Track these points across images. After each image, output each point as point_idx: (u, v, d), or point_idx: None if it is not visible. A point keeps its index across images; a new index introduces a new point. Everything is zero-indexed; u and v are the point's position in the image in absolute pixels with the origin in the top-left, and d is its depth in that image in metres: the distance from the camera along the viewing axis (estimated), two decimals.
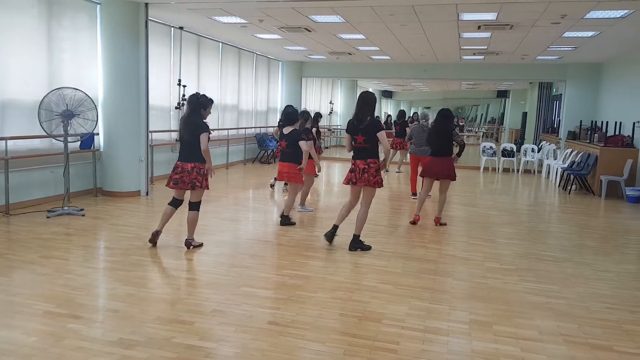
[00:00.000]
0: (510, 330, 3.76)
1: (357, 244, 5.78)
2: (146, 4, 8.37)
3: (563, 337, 3.69)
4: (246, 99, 14.53)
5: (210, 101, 5.57)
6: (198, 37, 11.72)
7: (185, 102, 5.43)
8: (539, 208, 9.29)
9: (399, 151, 13.75)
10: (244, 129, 14.31)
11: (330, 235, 5.87)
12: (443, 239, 6.46)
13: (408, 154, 9.82)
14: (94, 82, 8.43)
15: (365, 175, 5.56)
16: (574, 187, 11.14)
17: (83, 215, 6.99)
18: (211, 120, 5.83)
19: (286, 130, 6.88)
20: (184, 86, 10.80)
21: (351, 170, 5.68)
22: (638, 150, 10.19)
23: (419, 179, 8.04)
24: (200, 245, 5.69)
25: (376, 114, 6.97)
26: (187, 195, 5.59)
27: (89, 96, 7.06)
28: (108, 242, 5.97)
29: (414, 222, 7.17)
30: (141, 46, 8.44)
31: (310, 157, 7.03)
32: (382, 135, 5.54)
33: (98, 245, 5.90)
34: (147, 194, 8.68)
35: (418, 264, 5.34)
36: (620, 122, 11.16)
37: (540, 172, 14.18)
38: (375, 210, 7.94)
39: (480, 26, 9.34)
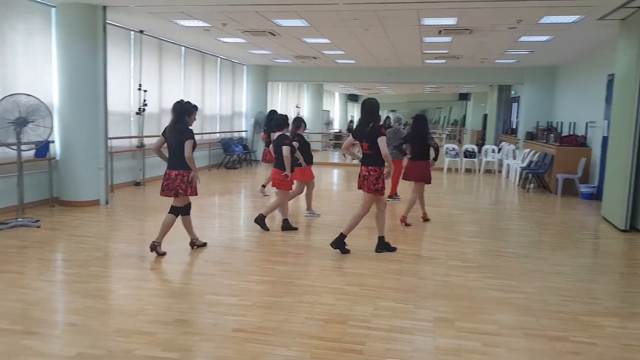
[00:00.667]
0: (472, 326, 3.84)
1: (382, 246, 5.89)
2: (104, 7, 8.21)
3: (522, 330, 3.79)
4: (210, 103, 14.40)
5: (195, 107, 5.64)
6: (159, 41, 11.56)
7: (180, 106, 5.53)
8: (500, 206, 9.52)
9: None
10: (208, 134, 14.17)
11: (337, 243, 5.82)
12: (408, 239, 6.54)
13: None
14: (50, 88, 8.21)
15: (366, 182, 5.66)
16: (532, 185, 11.47)
17: (38, 227, 6.75)
18: None
19: (275, 135, 6.96)
20: (145, 91, 10.62)
21: (359, 175, 5.80)
22: (591, 149, 10.56)
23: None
24: (164, 254, 5.57)
25: (341, 117, 7.06)
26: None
27: (43, 103, 6.87)
28: (65, 253, 5.79)
29: (408, 224, 7.33)
30: (99, 50, 8.27)
31: (299, 163, 7.19)
32: (381, 141, 5.50)
33: (55, 257, 5.70)
34: (107, 203, 8.47)
35: (384, 265, 5.39)
36: (574, 123, 11.55)
37: (500, 171, 14.54)
38: (342, 213, 8.00)
39: (441, 31, 9.53)
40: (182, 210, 5.64)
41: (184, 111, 5.47)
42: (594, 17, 7.95)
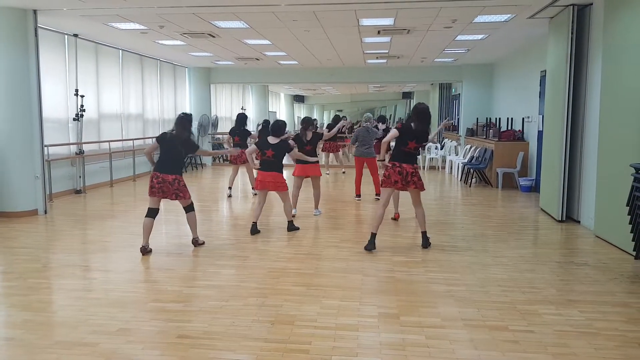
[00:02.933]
0: (416, 320, 3.94)
1: (426, 241, 6.14)
2: (34, 11, 7.89)
3: (463, 321, 3.92)
4: (152, 107, 14.07)
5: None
6: (95, 45, 11.20)
7: (178, 122, 5.95)
8: (443, 201, 9.78)
9: (332, 154, 14.83)
10: (150, 139, 13.83)
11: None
12: (354, 238, 6.62)
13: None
14: None
15: (415, 179, 5.92)
16: (474, 180, 11.85)
17: None
18: (114, 131, 5.69)
19: (272, 140, 6.75)
20: (82, 96, 10.26)
21: (399, 173, 5.91)
22: (528, 143, 11.02)
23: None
24: (202, 243, 6.18)
25: (288, 118, 7.11)
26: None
27: None
28: (2, 266, 5.52)
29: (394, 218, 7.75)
30: (31, 55, 7.94)
31: (305, 161, 7.58)
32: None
33: None
34: (45, 213, 8.16)
35: (330, 264, 5.45)
36: (512, 118, 12.03)
37: (444, 168, 14.94)
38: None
39: (379, 31, 9.70)
40: (192, 206, 6.07)
41: (190, 121, 6.02)
42: (524, 16, 8.31)
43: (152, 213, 5.87)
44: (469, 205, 9.30)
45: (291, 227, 6.98)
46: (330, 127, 14.74)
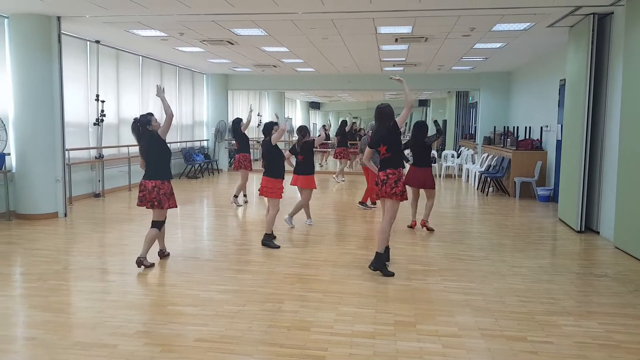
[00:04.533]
0: (432, 329, 3.92)
1: (378, 263, 5.33)
2: (58, 18, 8.06)
3: (481, 331, 3.90)
4: None
5: (150, 114, 5.60)
6: (116, 51, 11.38)
7: (136, 125, 5.47)
8: (459, 210, 9.72)
9: (339, 160, 14.54)
10: (169, 144, 13.94)
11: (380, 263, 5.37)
12: (369, 245, 6.61)
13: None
14: (4, 100, 7.99)
15: (384, 187, 5.31)
16: (490, 189, 11.77)
17: None
18: (131, 136, 5.71)
19: (265, 144, 6.78)
20: (103, 101, 10.42)
21: (375, 183, 5.49)
22: (546, 152, 10.92)
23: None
24: (152, 265, 5.52)
25: (304, 123, 7.10)
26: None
27: None
28: (23, 267, 5.63)
29: (430, 229, 7.59)
30: (54, 61, 8.10)
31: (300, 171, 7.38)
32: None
33: (12, 271, 5.55)
34: (65, 216, 8.28)
35: (346, 271, 5.44)
36: (530, 127, 11.93)
37: (460, 176, 14.86)
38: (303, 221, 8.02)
39: (397, 39, 9.71)
40: (162, 224, 5.56)
41: (145, 123, 5.48)
42: (543, 25, 8.27)
43: (156, 225, 5.53)
44: (486, 214, 9.24)
45: (266, 241, 6.45)
46: (337, 133, 14.98)
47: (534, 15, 7.67)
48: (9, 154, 7.98)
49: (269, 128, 6.75)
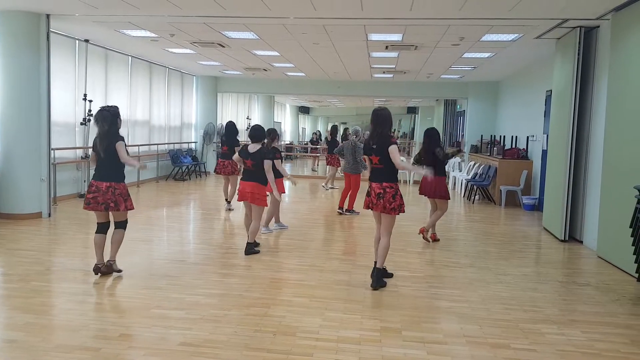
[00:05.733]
0: (418, 335, 3.94)
1: (380, 281, 5.11)
2: (47, 15, 7.98)
3: (465, 338, 3.92)
4: (158, 114, 14.15)
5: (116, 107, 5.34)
6: (105, 50, 11.30)
7: (96, 119, 5.18)
8: (446, 218, 9.71)
9: (329, 167, 14.36)
10: (156, 145, 13.90)
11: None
12: (357, 251, 6.63)
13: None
14: None
15: (381, 202, 4.98)
16: (477, 197, 11.86)
17: None
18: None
19: (252, 148, 6.26)
20: (90, 101, 10.34)
21: (367, 194, 5.17)
22: (532, 162, 11.04)
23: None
24: (119, 271, 5.28)
25: (292, 129, 6.99)
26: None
27: None
28: (5, 268, 5.54)
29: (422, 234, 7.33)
30: (42, 59, 8.02)
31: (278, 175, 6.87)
32: (393, 151, 4.95)
33: None
34: (49, 216, 8.18)
35: (332, 276, 5.45)
36: (516, 136, 12.06)
37: (447, 183, 14.93)
38: (295, 225, 8.01)
39: (388, 46, 9.78)
40: (124, 224, 5.30)
41: (116, 115, 5.21)
42: (531, 36, 8.38)
43: (101, 228, 5.19)
44: (472, 221, 9.30)
45: (249, 250, 6.26)
46: (327, 138, 15.12)
47: (522, 26, 7.78)
48: None
49: (261, 133, 6.39)
